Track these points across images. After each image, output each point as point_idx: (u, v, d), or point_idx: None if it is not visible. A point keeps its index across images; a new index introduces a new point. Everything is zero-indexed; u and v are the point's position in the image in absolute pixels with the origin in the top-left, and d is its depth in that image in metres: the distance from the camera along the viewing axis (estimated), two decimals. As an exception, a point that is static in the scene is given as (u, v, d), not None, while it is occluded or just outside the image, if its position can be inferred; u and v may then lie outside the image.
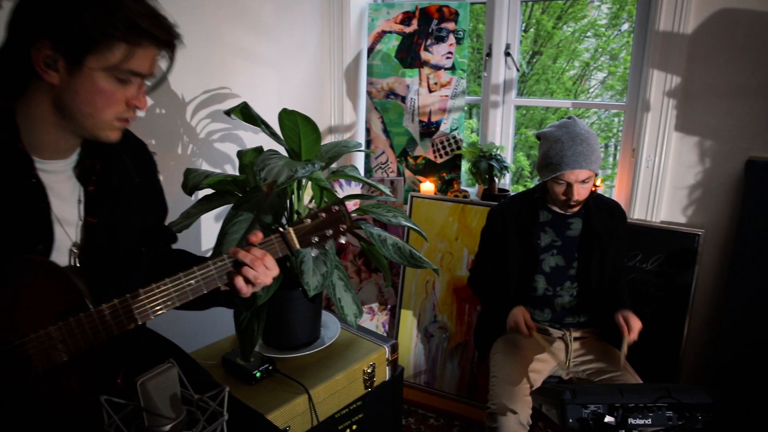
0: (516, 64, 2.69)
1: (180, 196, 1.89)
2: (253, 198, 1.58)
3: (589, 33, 5.73)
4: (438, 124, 2.79)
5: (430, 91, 2.79)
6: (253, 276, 1.10)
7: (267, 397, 1.57)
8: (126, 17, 0.94)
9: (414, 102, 2.82)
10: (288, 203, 1.71)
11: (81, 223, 1.09)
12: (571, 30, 5.80)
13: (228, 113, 1.66)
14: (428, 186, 2.75)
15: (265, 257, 1.13)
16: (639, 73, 2.36)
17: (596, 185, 2.34)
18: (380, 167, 2.94)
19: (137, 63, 0.99)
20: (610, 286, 1.98)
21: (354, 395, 1.74)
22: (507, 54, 2.68)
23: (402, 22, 2.80)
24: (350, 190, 2.80)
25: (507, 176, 2.72)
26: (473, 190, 2.81)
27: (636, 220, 2.35)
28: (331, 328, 1.87)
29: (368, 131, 2.94)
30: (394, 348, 1.82)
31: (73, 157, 1.10)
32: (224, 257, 1.10)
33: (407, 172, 2.89)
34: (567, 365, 1.94)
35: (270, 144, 1.82)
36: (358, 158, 3.05)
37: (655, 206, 2.33)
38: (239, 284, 1.11)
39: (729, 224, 2.22)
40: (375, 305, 2.87)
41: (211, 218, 2.37)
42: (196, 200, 1.75)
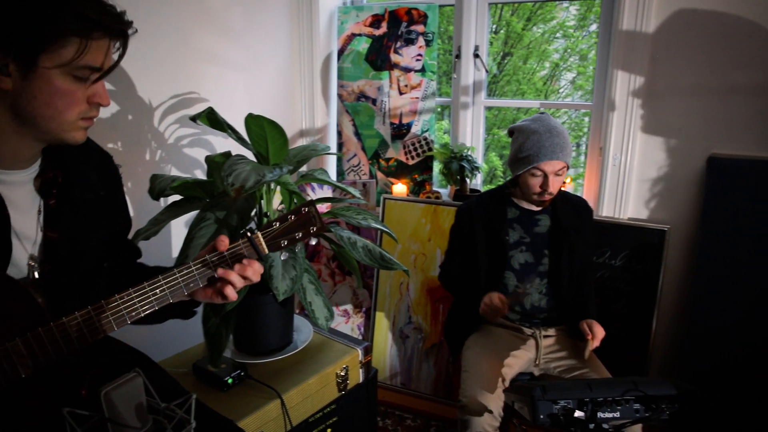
0: (485, 66, 2.72)
1: (148, 203, 1.87)
2: (221, 202, 1.57)
3: (559, 34, 5.81)
4: (409, 126, 2.81)
5: (401, 93, 2.80)
6: (232, 297, 1.10)
7: (239, 404, 1.55)
8: (75, 10, 0.91)
9: (385, 104, 2.83)
10: (257, 207, 1.70)
11: (41, 237, 1.06)
12: (541, 31, 5.88)
13: (194, 119, 1.64)
14: (400, 188, 2.76)
15: (245, 270, 1.12)
16: (605, 74, 2.40)
17: (564, 182, 2.37)
18: (352, 170, 2.94)
19: (92, 57, 0.95)
20: (579, 286, 2.01)
21: (327, 399, 1.74)
22: (476, 55, 2.71)
23: (371, 25, 2.81)
24: (322, 194, 2.80)
25: (478, 176, 2.75)
26: (445, 191, 2.83)
27: (604, 217, 2.40)
28: (304, 332, 1.87)
29: (340, 134, 2.95)
30: (367, 350, 1.83)
31: (34, 168, 1.07)
32: (190, 265, 1.09)
33: (379, 174, 2.90)
34: (538, 362, 1.97)
35: (239, 149, 1.81)
36: (331, 161, 3.05)
37: (623, 203, 2.38)
38: (210, 295, 1.11)
39: (693, 220, 2.28)
40: (350, 308, 2.86)
41: (182, 224, 2.35)
42: (165, 206, 1.72)
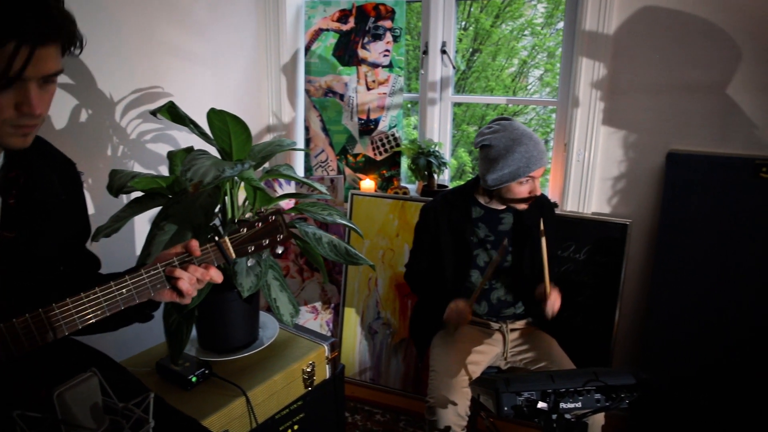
0: (452, 62, 2.74)
1: (111, 200, 1.83)
2: (184, 199, 1.54)
3: (527, 32, 5.88)
4: (377, 122, 2.80)
5: (369, 89, 2.80)
6: (186, 289, 1.08)
7: (203, 402, 1.54)
8: None
9: (352, 100, 2.82)
10: (222, 204, 1.68)
11: None
12: (509, 29, 5.94)
13: (154, 113, 1.61)
14: (368, 183, 2.76)
15: (204, 275, 1.11)
16: (569, 71, 2.44)
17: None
18: (320, 165, 2.93)
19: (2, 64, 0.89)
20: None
21: (294, 395, 1.73)
22: (443, 51, 2.72)
23: (339, 20, 2.80)
24: (289, 190, 2.78)
25: (446, 172, 2.77)
26: (413, 187, 2.84)
27: (569, 212, 2.44)
28: (270, 329, 1.85)
29: (307, 130, 2.93)
30: (334, 346, 1.82)
31: None
32: (158, 266, 1.07)
33: (347, 170, 2.89)
34: (505, 356, 1.99)
35: (204, 145, 1.79)
36: (298, 157, 3.03)
37: (586, 198, 2.42)
38: (171, 296, 1.09)
39: (653, 214, 2.33)
40: (318, 304, 2.85)
41: (146, 221, 2.30)
42: (127, 203, 1.69)
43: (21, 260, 1.06)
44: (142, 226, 2.30)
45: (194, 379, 1.58)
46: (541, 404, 1.46)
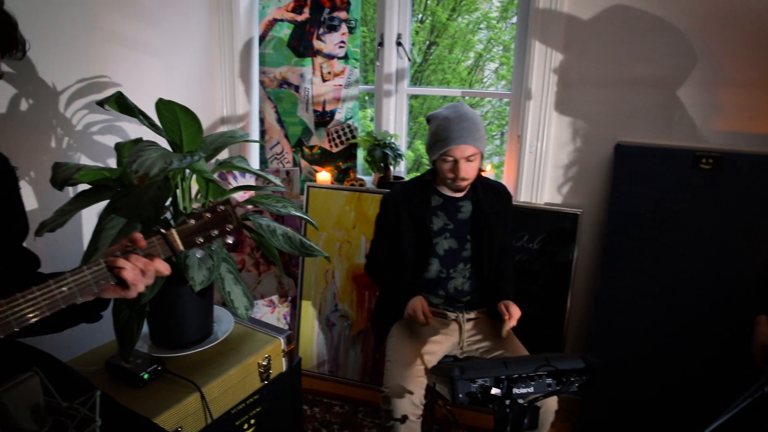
0: (407, 54, 2.74)
1: (57, 193, 1.76)
2: (132, 192, 1.50)
3: (483, 25, 5.95)
4: (332, 114, 2.79)
5: (324, 81, 2.78)
6: (131, 279, 1.04)
7: (156, 399, 1.50)
8: None
9: (308, 91, 2.80)
10: (173, 197, 1.64)
11: None
12: (466, 22, 5.99)
13: (101, 104, 1.56)
14: (324, 175, 2.75)
15: (148, 265, 1.07)
16: (522, 64, 2.48)
17: (483, 169, 2.44)
18: (275, 158, 2.89)
19: None
20: (499, 269, 2.08)
21: (250, 389, 1.71)
22: (398, 44, 2.72)
23: (293, 11, 2.76)
24: (244, 182, 2.74)
25: (402, 164, 2.78)
26: (369, 179, 2.84)
27: (522, 203, 2.49)
28: (225, 323, 1.83)
29: (262, 121, 2.89)
30: (290, 339, 1.81)
31: None
32: (100, 261, 1.03)
33: (303, 162, 2.87)
34: (461, 345, 2.02)
35: (154, 137, 1.74)
36: (254, 149, 2.98)
37: (539, 189, 2.48)
38: (116, 291, 1.06)
39: (603, 204, 2.40)
40: (275, 297, 2.83)
41: (93, 215, 2.23)
42: (73, 196, 1.63)
43: None
44: (91, 221, 2.23)
45: (146, 376, 1.54)
46: (495, 390, 1.49)
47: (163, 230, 1.10)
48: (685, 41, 2.18)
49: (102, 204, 1.58)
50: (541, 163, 2.45)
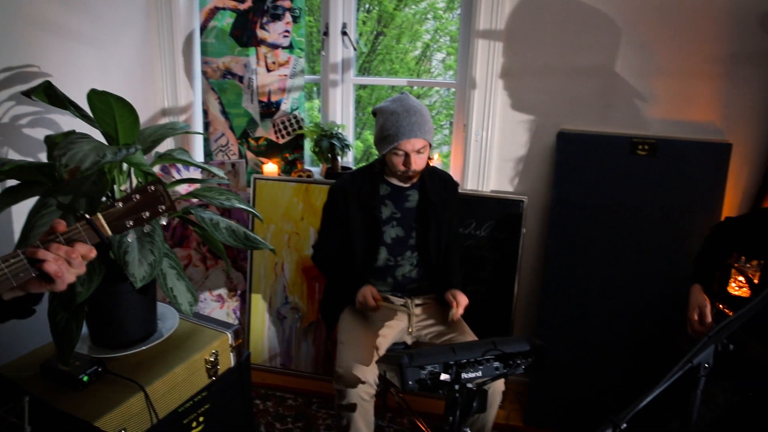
0: (353, 44, 2.72)
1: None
2: (65, 187, 1.43)
3: (430, 15, 5.97)
4: (278, 104, 2.74)
5: (269, 71, 2.73)
6: (54, 271, 0.98)
7: (97, 402, 1.45)
8: None
9: (252, 82, 2.74)
10: (111, 192, 1.58)
11: None
12: (413, 12, 5.99)
13: (27, 94, 1.48)
14: (271, 167, 2.71)
15: (71, 253, 1.01)
16: (466, 54, 2.50)
17: (431, 158, 2.45)
18: (221, 150, 2.83)
19: None
20: (446, 256, 2.10)
21: (197, 386, 1.67)
22: (344, 33, 2.70)
23: (235, -2, 2.70)
24: (188, 176, 2.66)
25: (349, 154, 2.77)
26: (317, 170, 2.82)
27: (469, 191, 2.52)
28: (170, 320, 1.78)
29: (206, 113, 2.81)
30: (238, 333, 1.78)
31: None
32: (18, 253, 0.98)
33: (249, 154, 2.82)
34: (410, 331, 2.04)
35: (88, 129, 1.66)
36: (197, 141, 2.91)
37: (485, 177, 2.52)
38: (41, 285, 1.00)
39: (546, 190, 2.47)
40: (224, 292, 2.78)
41: (25, 212, 2.12)
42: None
43: None
44: (20, 217, 2.12)
45: (85, 379, 1.49)
46: (444, 376, 1.51)
47: (88, 215, 1.05)
48: (621, 32, 2.25)
49: (32, 200, 1.51)
50: (487, 152, 2.49)
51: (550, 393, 2.43)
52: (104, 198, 1.57)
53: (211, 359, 1.69)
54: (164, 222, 1.13)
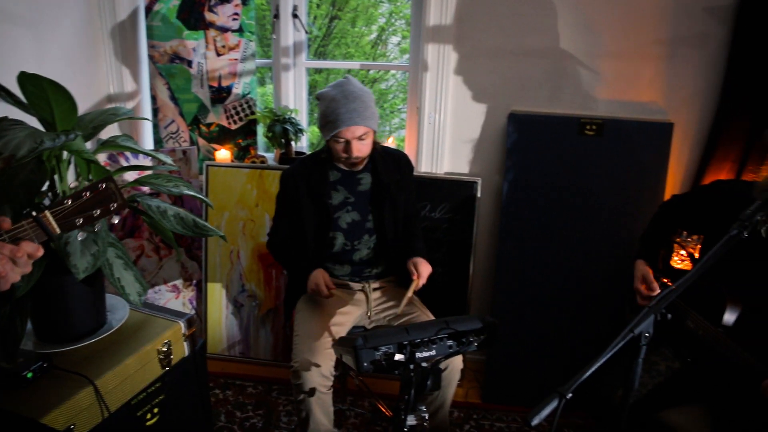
0: (304, 26, 2.68)
1: None
2: (0, 176, 1.37)
3: (384, -1, 5.93)
4: (229, 89, 2.69)
5: (219, 55, 2.67)
6: None
7: (43, 398, 1.41)
8: None
9: (202, 66, 2.68)
10: (51, 181, 1.52)
11: None
12: (367, -5, 5.94)
13: (-47, 79, 1.40)
14: (224, 153, 2.66)
15: (16, 252, 0.98)
16: (418, 36, 2.49)
17: (376, 141, 2.44)
18: (171, 137, 2.76)
19: None
20: (405, 235, 2.11)
21: (150, 377, 1.64)
22: (295, 16, 2.66)
23: (181, -20, 2.61)
24: (137, 163, 2.59)
25: (303, 139, 2.74)
26: (271, 155, 2.78)
27: (423, 173, 2.54)
28: (120, 311, 1.74)
29: (154, 99, 2.73)
30: (191, 322, 1.75)
31: None
32: None
33: (201, 141, 2.76)
34: (369, 315, 2.05)
35: (23, 116, 1.59)
36: (147, 128, 2.82)
37: (439, 159, 2.54)
38: None
39: (499, 171, 2.50)
40: (179, 282, 2.73)
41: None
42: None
43: None
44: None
45: (30, 375, 1.44)
46: (399, 356, 1.52)
47: (35, 213, 1.02)
48: (568, 14, 2.29)
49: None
50: (440, 134, 2.50)
51: (507, 370, 2.49)
52: (44, 187, 1.51)
53: (164, 349, 1.66)
54: (116, 220, 1.10)
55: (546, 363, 2.44)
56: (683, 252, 2.17)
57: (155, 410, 1.70)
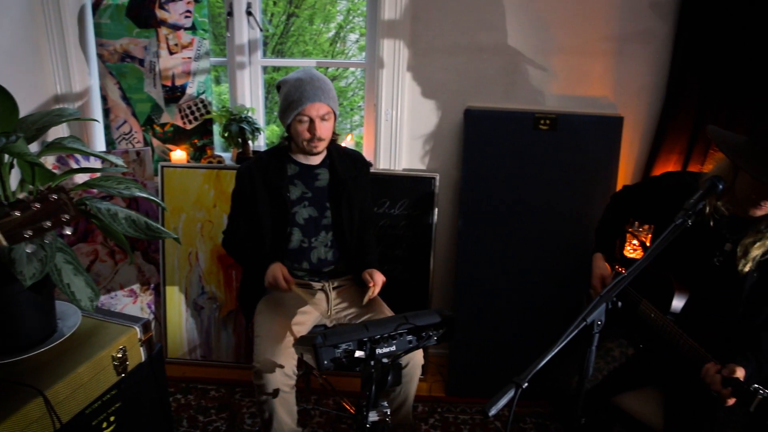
0: (259, 24, 2.65)
1: None
2: (-63, 182, 1.31)
3: (343, -5, 5.89)
4: (183, 88, 2.64)
5: (171, 53, 2.61)
6: None
7: (-10, 411, 1.35)
8: None
9: (154, 65, 2.61)
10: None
11: None
12: (325, -8, 5.90)
13: None
14: (179, 154, 2.60)
15: None
16: (374, 33, 2.49)
17: (336, 135, 2.44)
18: (124, 138, 2.69)
19: None
20: (361, 236, 2.11)
21: (105, 385, 1.60)
22: (249, 13, 2.62)
23: (129, -24, 2.55)
24: (89, 165, 2.51)
25: (260, 138, 2.71)
26: (228, 155, 2.74)
27: (381, 170, 2.54)
28: (72, 318, 1.68)
29: (105, 99, 2.65)
30: (147, 326, 1.71)
31: None
32: None
33: (155, 142, 2.69)
34: (329, 313, 2.05)
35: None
36: (98, 129, 2.74)
37: (397, 156, 2.55)
38: None
39: (456, 167, 2.53)
40: (137, 287, 2.66)
41: None
42: None
43: None
44: None
45: (-26, 387, 1.38)
46: (359, 353, 1.53)
47: None
48: (521, 11, 2.32)
49: None
50: (397, 131, 2.51)
51: (470, 363, 2.52)
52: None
53: (119, 356, 1.62)
54: (69, 232, 1.07)
55: (508, 355, 2.48)
56: (635, 241, 2.24)
57: (111, 418, 1.65)
